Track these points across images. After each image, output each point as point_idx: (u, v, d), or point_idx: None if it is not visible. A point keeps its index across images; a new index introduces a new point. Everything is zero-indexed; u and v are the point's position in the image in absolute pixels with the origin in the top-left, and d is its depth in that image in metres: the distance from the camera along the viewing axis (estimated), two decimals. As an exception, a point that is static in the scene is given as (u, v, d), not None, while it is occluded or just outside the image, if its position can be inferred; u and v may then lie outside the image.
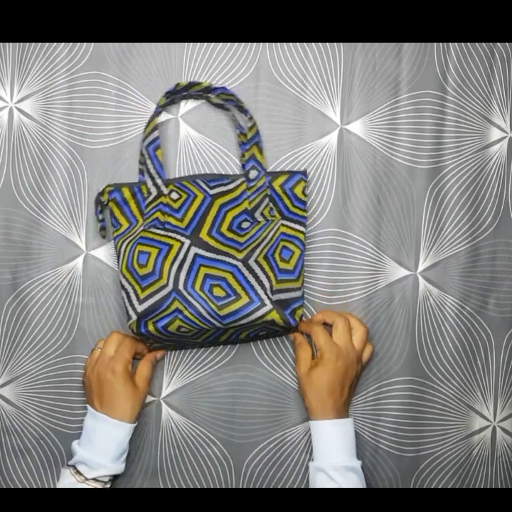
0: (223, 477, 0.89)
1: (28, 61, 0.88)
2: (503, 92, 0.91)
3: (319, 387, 0.83)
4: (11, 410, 0.89)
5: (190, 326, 0.80)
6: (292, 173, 0.86)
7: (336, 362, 0.83)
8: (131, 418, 0.82)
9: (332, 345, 0.83)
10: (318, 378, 0.83)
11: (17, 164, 0.89)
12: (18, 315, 0.89)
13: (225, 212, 0.85)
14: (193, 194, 0.85)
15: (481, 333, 0.91)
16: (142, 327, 0.80)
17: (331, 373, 0.82)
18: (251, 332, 0.83)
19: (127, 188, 0.85)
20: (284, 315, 0.81)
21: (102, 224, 0.86)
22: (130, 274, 0.82)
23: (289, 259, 0.84)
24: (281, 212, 0.86)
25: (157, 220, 0.84)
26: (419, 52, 0.90)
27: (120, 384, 0.82)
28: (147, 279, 0.81)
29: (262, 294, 0.80)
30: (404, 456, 0.90)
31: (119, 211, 0.85)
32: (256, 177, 0.86)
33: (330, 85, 0.89)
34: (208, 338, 0.84)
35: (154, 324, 0.80)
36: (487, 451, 0.91)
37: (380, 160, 0.90)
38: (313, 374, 0.83)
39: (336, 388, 0.83)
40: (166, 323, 0.80)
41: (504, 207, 0.91)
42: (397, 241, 0.90)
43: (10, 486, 0.89)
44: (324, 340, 0.84)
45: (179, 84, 0.87)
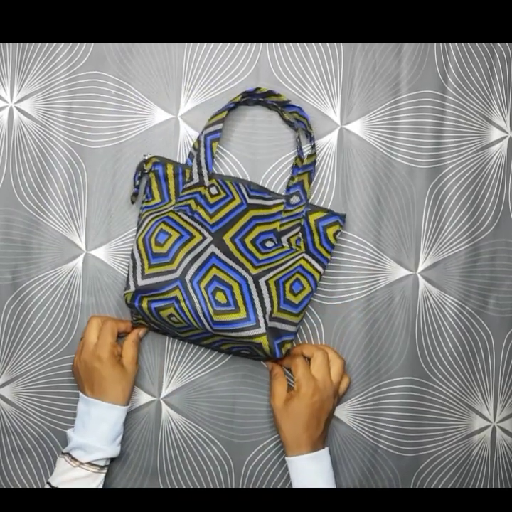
0: (223, 477, 0.89)
1: (28, 61, 0.88)
2: (503, 92, 0.91)
3: (294, 420, 0.83)
4: (11, 410, 0.89)
5: (181, 318, 0.80)
6: (331, 213, 0.86)
7: (313, 396, 0.82)
8: (124, 400, 0.83)
9: (309, 379, 0.83)
10: (294, 412, 0.83)
11: (17, 164, 0.89)
12: (18, 315, 0.89)
13: (255, 225, 0.85)
14: (232, 196, 0.85)
15: (481, 333, 0.91)
16: (136, 300, 0.80)
17: (307, 407, 0.82)
18: (235, 347, 0.83)
19: (172, 166, 0.85)
20: (273, 344, 0.80)
21: (135, 190, 0.86)
22: (144, 247, 0.82)
23: (298, 293, 0.84)
24: (307, 246, 0.86)
25: (188, 207, 0.84)
26: (419, 52, 0.90)
27: (108, 370, 0.82)
28: (158, 258, 0.81)
29: (260, 316, 0.80)
30: (404, 456, 0.90)
31: (157, 185, 0.85)
32: (296, 203, 0.85)
33: (330, 85, 0.89)
34: (191, 336, 0.84)
35: (148, 303, 0.80)
36: (487, 451, 0.91)
37: (380, 160, 0.90)
38: (289, 407, 0.83)
39: (312, 422, 0.83)
40: (160, 306, 0.80)
41: (504, 207, 0.91)
42: (397, 241, 0.90)
43: (10, 486, 0.89)
44: (302, 372, 0.83)
45: (259, 89, 0.86)
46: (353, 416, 0.90)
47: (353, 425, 0.90)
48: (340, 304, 0.89)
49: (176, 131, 0.89)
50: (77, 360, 0.85)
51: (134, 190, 0.86)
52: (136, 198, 0.87)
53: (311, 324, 0.89)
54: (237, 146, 0.89)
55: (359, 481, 0.89)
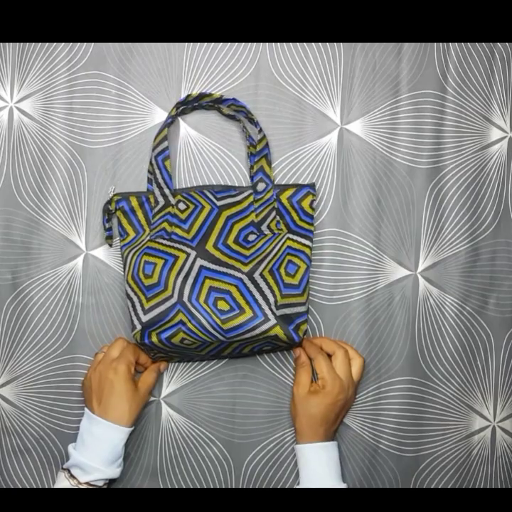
0: (223, 477, 0.89)
1: (28, 61, 0.88)
2: (503, 92, 0.91)
3: (314, 415, 0.83)
4: (11, 410, 0.89)
5: (193, 338, 0.80)
6: (300, 186, 0.86)
7: (338, 396, 0.83)
8: (128, 421, 0.81)
9: (335, 379, 0.83)
10: (316, 407, 0.83)
11: (17, 164, 0.89)
12: (18, 315, 0.89)
13: (232, 224, 0.85)
14: (200, 205, 0.85)
15: (480, 333, 0.91)
16: (146, 338, 0.81)
17: (330, 405, 0.83)
18: (255, 346, 0.83)
19: (135, 197, 0.86)
20: (288, 330, 0.81)
21: (108, 233, 0.87)
22: (136, 283, 0.82)
23: (295, 273, 0.84)
24: (288, 226, 0.86)
25: (164, 231, 0.84)
26: (419, 52, 0.90)
27: (120, 383, 0.81)
28: (152, 290, 0.81)
29: (266, 309, 0.80)
30: (404, 456, 0.90)
31: (126, 220, 0.86)
32: (264, 189, 0.86)
33: (330, 85, 0.89)
34: (211, 351, 0.84)
35: (158, 335, 0.80)
36: (487, 451, 0.91)
37: (380, 160, 0.90)
38: (311, 401, 0.84)
39: (331, 418, 0.84)
40: (170, 334, 0.80)
41: (504, 207, 0.91)
42: (397, 241, 0.90)
43: (10, 486, 0.89)
44: (327, 370, 0.84)
45: (190, 95, 0.86)
46: (353, 416, 0.90)
47: (353, 425, 0.90)
48: (340, 304, 0.89)
49: (176, 130, 0.89)
50: (92, 371, 0.84)
51: (106, 234, 0.87)
52: (112, 240, 0.88)
53: (311, 324, 0.89)
54: (238, 147, 0.89)
55: (359, 481, 0.89)
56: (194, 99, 0.87)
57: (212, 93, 0.87)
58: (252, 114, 0.87)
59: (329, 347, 0.86)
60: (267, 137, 0.87)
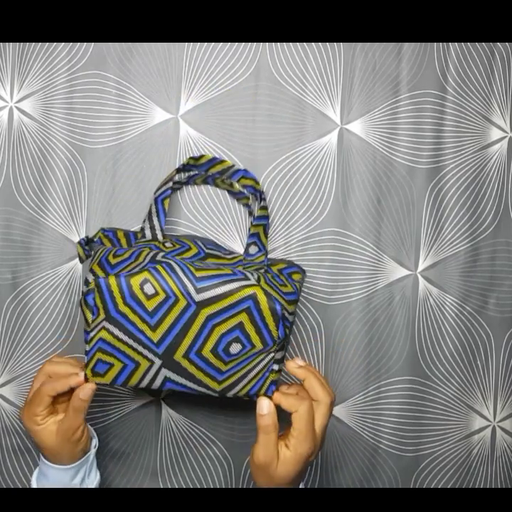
0: (223, 477, 0.89)
1: (28, 61, 0.88)
2: (503, 92, 0.91)
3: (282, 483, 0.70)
4: (11, 410, 0.89)
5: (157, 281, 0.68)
6: (292, 264, 0.80)
7: (311, 456, 0.70)
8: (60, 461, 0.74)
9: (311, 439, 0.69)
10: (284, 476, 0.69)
11: (17, 164, 0.89)
12: (18, 314, 0.89)
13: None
14: (188, 245, 0.77)
15: (481, 333, 0.91)
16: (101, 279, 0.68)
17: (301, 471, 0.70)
18: (223, 337, 0.69)
19: (122, 231, 0.81)
20: (271, 299, 0.69)
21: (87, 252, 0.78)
22: None
23: None
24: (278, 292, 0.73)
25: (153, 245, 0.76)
26: (419, 52, 0.90)
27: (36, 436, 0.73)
28: None
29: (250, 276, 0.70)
30: (404, 456, 0.90)
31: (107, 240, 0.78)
32: (256, 253, 0.78)
33: (330, 85, 0.90)
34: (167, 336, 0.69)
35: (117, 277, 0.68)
36: (487, 451, 0.91)
37: (380, 160, 0.90)
38: (281, 472, 0.69)
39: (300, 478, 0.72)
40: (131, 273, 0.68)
41: (504, 207, 0.91)
42: (397, 241, 0.90)
43: (10, 486, 0.89)
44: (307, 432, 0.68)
45: (204, 157, 0.86)
46: (353, 416, 0.90)
47: (353, 425, 0.90)
48: (340, 304, 0.89)
49: (176, 131, 0.89)
50: None
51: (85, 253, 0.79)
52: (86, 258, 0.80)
53: (311, 324, 0.89)
54: (238, 147, 0.89)
55: (359, 481, 0.90)
56: (207, 162, 0.86)
57: (225, 160, 0.86)
58: (259, 184, 0.85)
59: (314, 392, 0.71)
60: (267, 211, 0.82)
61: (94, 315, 0.69)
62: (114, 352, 0.69)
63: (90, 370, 0.70)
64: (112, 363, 0.70)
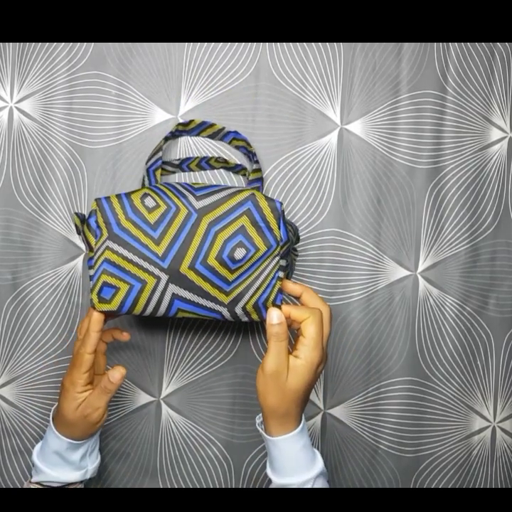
0: (223, 477, 0.89)
1: (28, 61, 0.88)
2: (503, 92, 0.91)
3: (292, 399, 0.70)
4: (11, 410, 0.89)
5: (157, 194, 0.69)
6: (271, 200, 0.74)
7: (319, 367, 0.71)
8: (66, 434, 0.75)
9: (321, 348, 0.70)
10: (295, 388, 0.70)
11: (17, 164, 0.89)
12: (18, 315, 0.89)
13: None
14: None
15: (480, 333, 0.91)
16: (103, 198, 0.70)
17: (311, 382, 0.70)
18: (226, 243, 0.68)
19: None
20: (270, 198, 0.69)
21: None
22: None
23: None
24: None
25: None
26: (419, 52, 0.90)
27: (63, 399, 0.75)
28: None
29: None
30: (404, 457, 0.90)
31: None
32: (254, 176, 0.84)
33: (330, 85, 0.90)
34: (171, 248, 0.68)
35: (118, 195, 0.70)
36: (487, 451, 0.91)
37: (379, 160, 0.90)
38: (290, 383, 0.69)
39: (308, 395, 0.72)
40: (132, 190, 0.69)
41: (504, 207, 0.91)
42: (397, 241, 0.90)
43: (10, 486, 0.89)
44: (317, 340, 0.70)
45: (193, 122, 0.86)
46: (353, 416, 0.90)
47: (353, 425, 0.90)
48: (341, 304, 0.89)
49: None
50: None
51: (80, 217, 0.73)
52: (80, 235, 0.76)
53: (311, 324, 0.89)
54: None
55: (359, 481, 0.89)
56: (197, 127, 0.87)
57: (214, 124, 0.87)
58: (251, 146, 0.87)
59: (314, 301, 0.73)
60: (262, 171, 0.87)
61: (96, 237, 0.69)
62: (119, 273, 0.69)
63: (96, 295, 0.69)
64: (117, 287, 0.69)
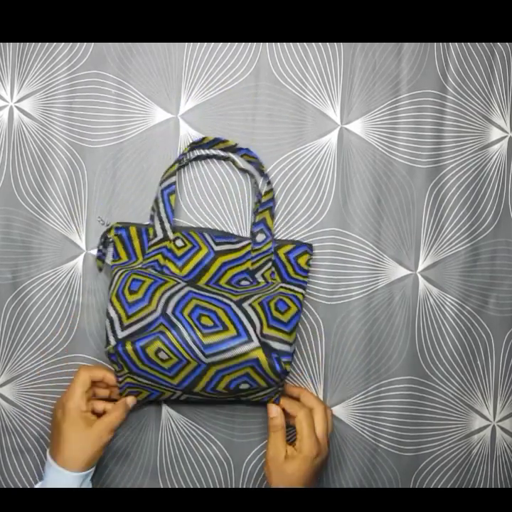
0: (223, 477, 0.89)
1: (28, 61, 0.88)
2: (503, 92, 0.91)
3: (291, 482, 0.78)
4: (11, 409, 0.89)
5: (170, 350, 0.77)
6: (298, 244, 0.86)
7: (315, 460, 0.79)
8: (78, 465, 0.75)
9: (314, 442, 0.79)
10: (293, 473, 0.78)
11: (17, 164, 0.89)
12: (18, 314, 0.89)
13: (226, 269, 0.85)
14: (198, 246, 0.85)
15: (480, 332, 0.91)
16: (120, 346, 0.77)
17: (307, 471, 0.79)
18: (232, 380, 0.79)
19: (134, 227, 0.86)
20: (271, 357, 0.78)
21: (99, 254, 0.86)
22: (119, 301, 0.80)
23: (284, 312, 0.81)
24: (283, 278, 0.86)
25: (156, 262, 0.84)
26: (419, 52, 0.90)
27: (67, 424, 0.76)
28: (135, 306, 0.79)
29: (251, 331, 0.78)
30: (404, 456, 0.90)
31: (122, 246, 0.85)
32: (263, 241, 0.86)
33: (330, 85, 0.89)
34: (184, 381, 0.80)
35: (133, 344, 0.77)
36: (487, 450, 0.91)
37: (379, 159, 0.90)
38: (288, 467, 0.79)
39: (309, 483, 0.80)
40: (146, 342, 0.77)
41: (504, 207, 0.91)
42: (397, 240, 0.90)
43: (10, 485, 0.89)
44: (308, 434, 0.79)
45: (206, 138, 0.87)
46: (353, 415, 0.90)
47: (353, 425, 0.90)
48: (341, 304, 0.89)
49: (176, 131, 0.89)
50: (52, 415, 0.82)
51: (97, 255, 0.86)
52: (103, 264, 0.87)
53: (311, 324, 0.89)
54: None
55: (359, 481, 0.90)
56: (209, 143, 0.87)
57: (227, 140, 0.87)
58: (263, 166, 0.87)
59: (308, 400, 0.83)
60: (274, 191, 0.87)
61: (119, 367, 0.79)
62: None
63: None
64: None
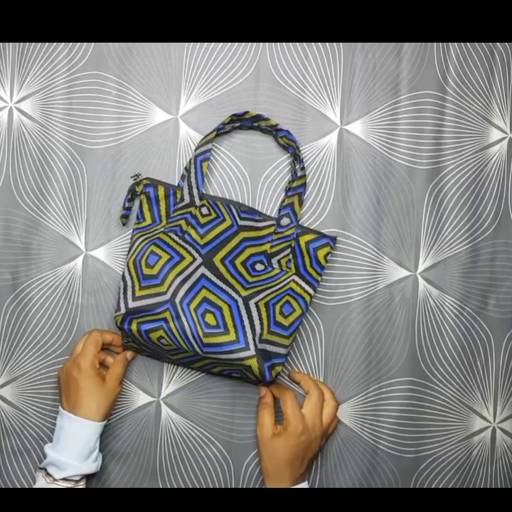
0: (223, 477, 0.89)
1: (28, 61, 0.88)
2: (503, 93, 0.91)
3: (278, 458, 0.82)
4: (11, 411, 0.89)
5: (171, 340, 0.79)
6: (322, 235, 0.86)
7: (300, 436, 0.82)
8: (97, 415, 0.81)
9: (298, 419, 0.82)
10: (279, 450, 0.82)
11: (17, 164, 0.89)
12: (17, 315, 0.89)
13: (245, 247, 0.85)
14: (222, 216, 0.85)
15: (480, 333, 0.91)
16: (126, 323, 0.80)
17: (293, 447, 0.81)
18: (225, 369, 0.83)
19: (163, 187, 0.86)
20: (263, 366, 0.80)
21: (125, 212, 0.87)
22: (135, 268, 0.82)
23: (288, 315, 0.83)
24: (297, 268, 0.86)
25: (179, 227, 0.84)
26: (419, 52, 0.90)
27: (85, 379, 0.81)
28: (148, 280, 0.81)
29: (250, 338, 0.80)
30: (404, 457, 0.90)
31: (148, 206, 0.86)
32: (287, 225, 0.85)
33: (330, 85, 0.90)
34: (182, 359, 0.83)
35: (138, 325, 0.80)
36: (487, 452, 0.91)
37: (379, 160, 0.90)
38: (274, 444, 0.82)
39: (296, 461, 0.82)
40: (150, 328, 0.79)
41: (504, 207, 0.91)
42: (397, 241, 0.90)
43: (10, 486, 0.89)
44: (292, 411, 0.83)
45: (248, 113, 0.86)
46: (353, 416, 0.90)
47: (353, 426, 0.90)
48: (340, 305, 0.89)
49: (176, 131, 0.89)
50: (60, 370, 0.85)
51: (123, 212, 0.87)
52: (127, 220, 0.88)
53: (311, 324, 0.89)
54: (238, 147, 0.89)
55: (359, 482, 0.89)
56: (251, 118, 0.87)
57: (269, 118, 0.87)
58: (300, 150, 0.87)
59: (306, 385, 0.86)
60: (306, 177, 0.87)
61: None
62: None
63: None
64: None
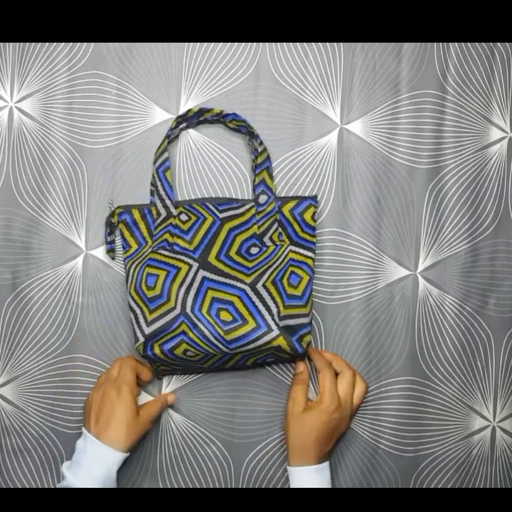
0: (223, 477, 0.89)
1: (28, 61, 0.88)
2: (503, 92, 0.91)
3: (308, 433, 0.82)
4: (11, 410, 0.89)
5: (196, 349, 0.80)
6: (302, 199, 0.87)
7: (333, 413, 0.82)
8: (124, 446, 0.79)
9: (335, 396, 0.83)
10: (309, 424, 0.82)
11: (17, 163, 0.89)
12: (18, 315, 0.89)
13: (234, 236, 0.85)
14: (203, 217, 0.85)
15: (480, 333, 0.91)
16: (148, 350, 0.81)
17: (325, 423, 0.82)
18: (258, 358, 0.84)
19: (137, 210, 0.86)
20: (291, 341, 0.81)
21: (110, 246, 0.87)
22: (138, 296, 0.82)
23: (298, 284, 0.83)
24: (290, 237, 0.86)
25: (165, 242, 0.84)
26: (419, 52, 0.90)
27: (122, 405, 0.80)
28: (155, 302, 0.81)
29: (269, 320, 0.80)
30: (404, 456, 0.90)
31: (129, 233, 0.86)
32: (265, 202, 0.86)
33: (330, 85, 0.90)
34: (214, 364, 0.84)
35: (160, 347, 0.80)
36: (487, 451, 0.91)
37: (379, 160, 0.90)
38: (306, 418, 0.83)
39: (325, 438, 0.82)
40: (172, 345, 0.80)
41: (504, 207, 0.91)
42: (397, 241, 0.90)
43: (10, 486, 0.89)
44: (329, 386, 0.83)
45: (191, 110, 0.86)
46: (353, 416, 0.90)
47: (353, 425, 0.90)
48: (340, 304, 0.89)
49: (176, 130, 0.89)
50: (95, 391, 0.83)
51: (108, 247, 0.87)
52: (114, 254, 0.88)
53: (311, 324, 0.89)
54: (237, 147, 0.89)
55: (359, 481, 0.90)
56: (195, 114, 0.87)
57: (212, 108, 0.87)
58: (252, 127, 0.86)
59: (339, 365, 0.87)
60: (267, 150, 0.87)
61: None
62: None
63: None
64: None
